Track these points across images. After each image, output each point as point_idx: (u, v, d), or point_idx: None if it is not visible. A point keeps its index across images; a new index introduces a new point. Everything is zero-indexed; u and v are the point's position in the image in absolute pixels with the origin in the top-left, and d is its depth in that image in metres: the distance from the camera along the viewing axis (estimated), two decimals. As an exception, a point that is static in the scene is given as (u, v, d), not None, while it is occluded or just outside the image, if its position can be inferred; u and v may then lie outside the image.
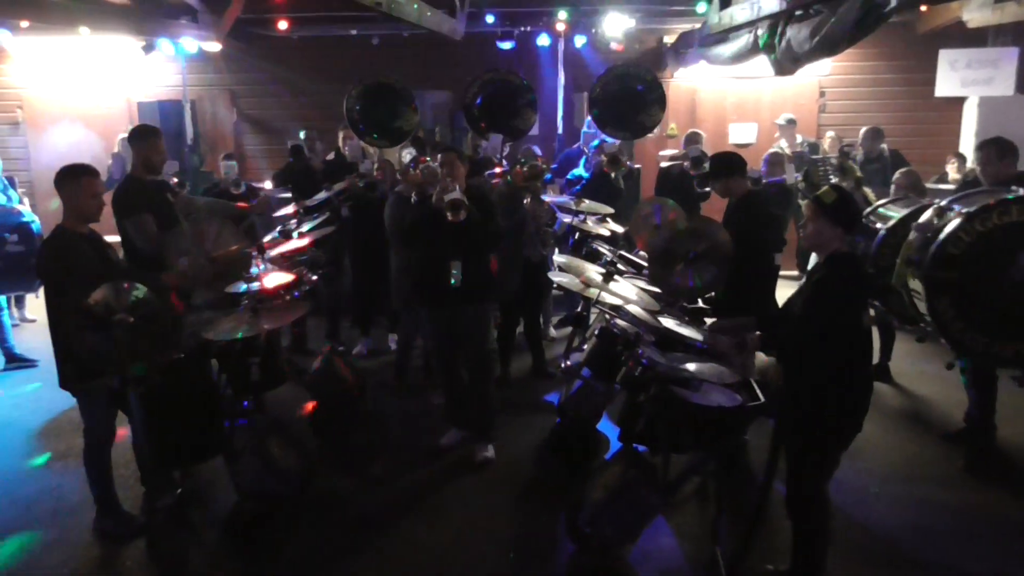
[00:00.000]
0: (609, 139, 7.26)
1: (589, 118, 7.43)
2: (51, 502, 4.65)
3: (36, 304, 7.91)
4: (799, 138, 9.27)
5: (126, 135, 7.14)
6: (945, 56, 9.29)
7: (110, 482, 4.30)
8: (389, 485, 4.85)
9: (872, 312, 5.86)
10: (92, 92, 10.80)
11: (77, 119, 10.84)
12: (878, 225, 5.48)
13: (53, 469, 5.08)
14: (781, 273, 6.28)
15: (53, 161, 10.33)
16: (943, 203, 4.57)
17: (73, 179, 4.02)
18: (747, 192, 5.13)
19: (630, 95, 7.13)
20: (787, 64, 6.76)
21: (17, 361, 6.95)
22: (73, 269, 3.82)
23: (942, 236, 4.29)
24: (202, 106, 10.77)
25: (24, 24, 8.56)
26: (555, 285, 5.42)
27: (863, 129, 8.51)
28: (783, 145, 9.09)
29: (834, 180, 7.00)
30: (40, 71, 10.72)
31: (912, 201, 5.67)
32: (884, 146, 8.41)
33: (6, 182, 7.43)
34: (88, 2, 7.78)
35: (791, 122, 9.15)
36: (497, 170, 6.41)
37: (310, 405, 5.25)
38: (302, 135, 7.43)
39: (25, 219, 6.67)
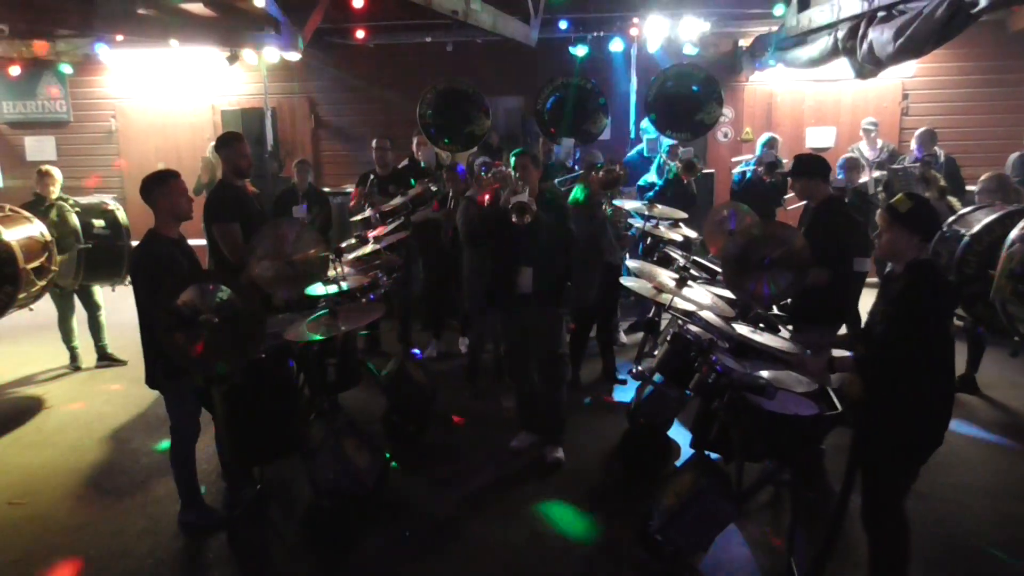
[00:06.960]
0: (674, 141, 7.18)
1: (646, 121, 7.37)
2: (139, 495, 4.85)
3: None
4: (879, 142, 9.01)
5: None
6: (1041, 55, 8.91)
7: (194, 477, 4.46)
8: (460, 487, 4.90)
9: (959, 323, 5.66)
10: (179, 101, 11.27)
11: (165, 127, 11.33)
12: (962, 231, 5.28)
13: (141, 463, 5.29)
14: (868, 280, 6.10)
15: (144, 167, 10.91)
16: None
17: (162, 183, 4.20)
18: (827, 197, 5.00)
19: (686, 96, 7.06)
20: (869, 67, 6.58)
21: (108, 359, 7.29)
22: (164, 272, 3.98)
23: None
24: (282, 113, 11.10)
25: (119, 38, 8.99)
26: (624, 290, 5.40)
27: (918, 131, 8.21)
28: (862, 148, 8.85)
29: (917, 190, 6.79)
30: (132, 82, 11.26)
31: (999, 207, 5.45)
32: (939, 150, 8.06)
33: None
34: (178, 15, 8.11)
35: (869, 128, 8.98)
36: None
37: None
38: (374, 144, 7.48)
39: (111, 207, 6.98)
